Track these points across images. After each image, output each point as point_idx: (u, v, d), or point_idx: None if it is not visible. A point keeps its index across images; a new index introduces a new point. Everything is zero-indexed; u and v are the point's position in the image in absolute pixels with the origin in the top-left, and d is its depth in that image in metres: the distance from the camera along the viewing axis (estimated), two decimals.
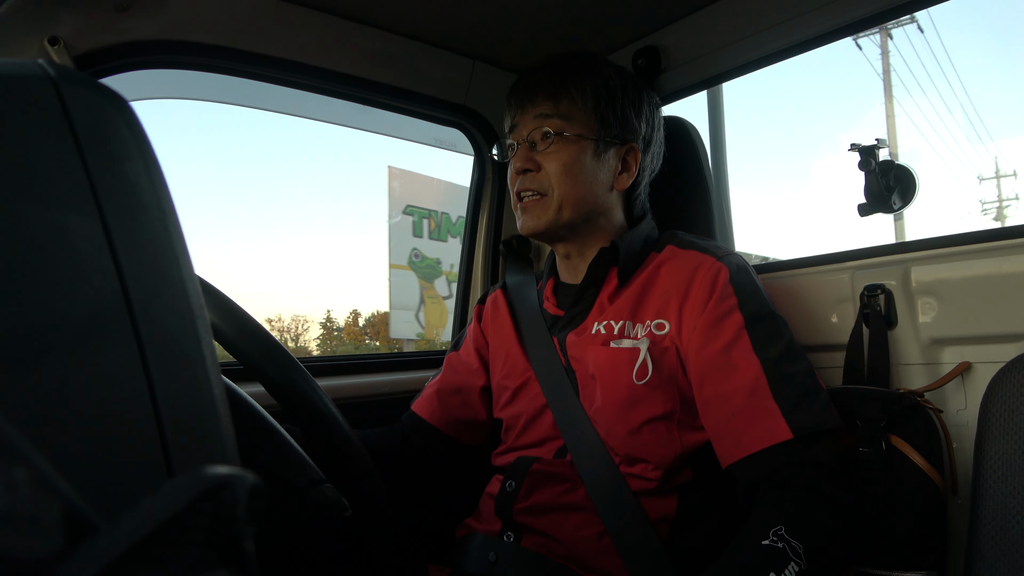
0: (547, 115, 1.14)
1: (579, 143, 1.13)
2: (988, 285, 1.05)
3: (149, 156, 0.35)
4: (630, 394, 1.04)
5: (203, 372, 0.34)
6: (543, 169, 1.14)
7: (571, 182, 1.12)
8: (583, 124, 1.14)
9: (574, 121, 1.14)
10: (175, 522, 0.21)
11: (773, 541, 0.84)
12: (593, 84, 1.15)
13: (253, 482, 0.23)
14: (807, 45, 1.34)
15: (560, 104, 1.14)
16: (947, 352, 1.11)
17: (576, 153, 1.13)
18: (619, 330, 1.09)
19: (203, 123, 51.04)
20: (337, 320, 34.91)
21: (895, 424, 1.02)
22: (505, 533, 1.09)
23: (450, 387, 1.33)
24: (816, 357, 1.29)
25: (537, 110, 1.15)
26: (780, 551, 0.83)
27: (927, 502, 0.98)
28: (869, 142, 1.25)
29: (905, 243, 1.17)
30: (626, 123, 1.17)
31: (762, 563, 0.82)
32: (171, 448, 0.32)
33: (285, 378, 0.81)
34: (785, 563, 0.82)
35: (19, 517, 0.20)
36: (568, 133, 1.13)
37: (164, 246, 0.33)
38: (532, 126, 1.15)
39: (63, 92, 0.33)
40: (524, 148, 1.16)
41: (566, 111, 1.14)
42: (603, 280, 1.16)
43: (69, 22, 1.07)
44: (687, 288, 1.06)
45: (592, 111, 1.14)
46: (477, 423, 1.33)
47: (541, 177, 1.14)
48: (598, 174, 1.15)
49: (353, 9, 1.37)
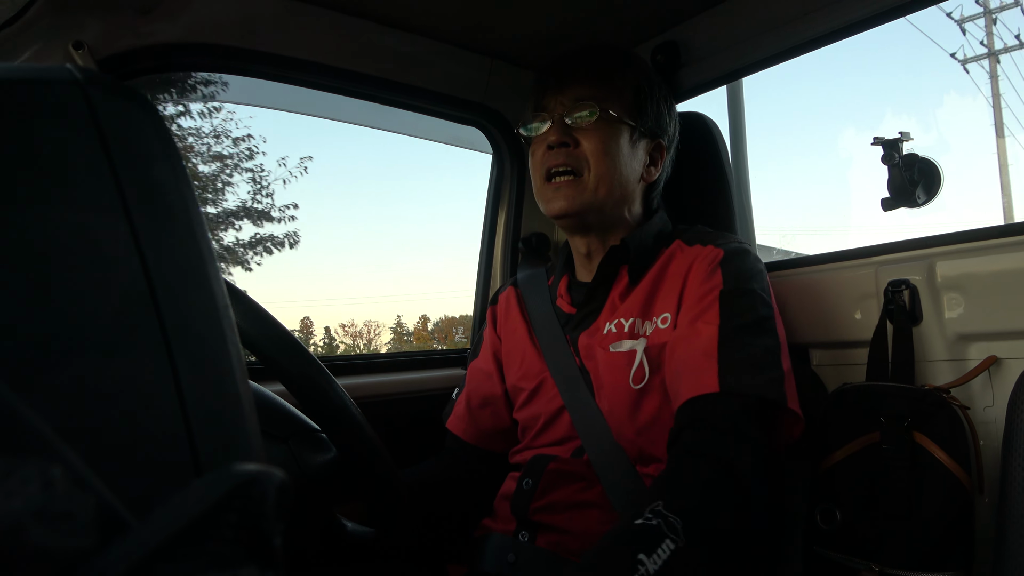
0: (588, 95, 1.12)
1: (619, 126, 1.13)
2: (1015, 279, 1.03)
3: (175, 158, 0.35)
4: (630, 397, 1.05)
5: (229, 370, 0.34)
6: (580, 146, 1.11)
7: (609, 161, 1.11)
8: (621, 107, 1.14)
9: (614, 103, 1.13)
10: (205, 519, 0.22)
11: (647, 519, 0.78)
12: (635, 74, 1.16)
13: (281, 479, 0.24)
14: (828, 38, 1.32)
15: (603, 87, 1.13)
16: (973, 348, 1.10)
17: (615, 135, 1.12)
18: (629, 327, 1.08)
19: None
20: (407, 325, 34.83)
21: (920, 421, 1.01)
22: (520, 532, 1.09)
23: (477, 400, 1.32)
24: (839, 354, 1.28)
25: (577, 91, 1.13)
26: (653, 529, 0.76)
27: (953, 501, 0.96)
28: (892, 135, 1.24)
29: (929, 238, 1.15)
30: (659, 119, 1.18)
31: (631, 543, 0.75)
32: (199, 445, 0.32)
33: (300, 373, 0.83)
34: (658, 541, 0.75)
35: (53, 514, 0.20)
36: (612, 112, 1.12)
37: (190, 247, 0.34)
38: (571, 104, 1.13)
39: (91, 96, 0.33)
40: (560, 121, 1.13)
41: (606, 95, 1.13)
42: (614, 278, 1.15)
43: (93, 27, 1.09)
44: (685, 276, 1.07)
45: (632, 100, 1.14)
46: (507, 430, 1.31)
47: (578, 154, 1.11)
48: (632, 161, 1.15)
49: (371, 9, 1.37)
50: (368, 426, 0.89)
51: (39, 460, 0.20)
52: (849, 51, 24.57)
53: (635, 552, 0.73)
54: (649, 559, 0.73)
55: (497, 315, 1.36)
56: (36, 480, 0.20)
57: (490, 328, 1.36)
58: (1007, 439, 0.93)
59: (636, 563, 0.72)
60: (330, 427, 0.87)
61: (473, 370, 1.36)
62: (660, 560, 0.73)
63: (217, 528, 0.22)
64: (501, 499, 1.17)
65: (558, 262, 1.31)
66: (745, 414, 0.91)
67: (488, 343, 1.35)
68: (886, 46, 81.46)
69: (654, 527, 0.76)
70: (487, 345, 1.35)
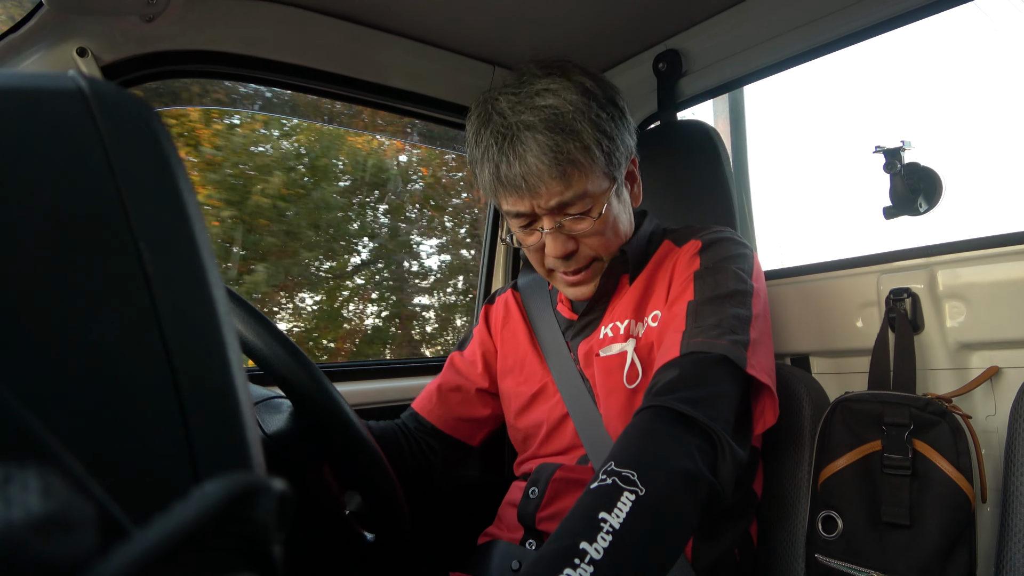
0: (566, 197, 1.01)
1: (609, 202, 1.04)
2: (1017, 288, 1.03)
3: (177, 164, 0.35)
4: (627, 398, 1.04)
5: (229, 378, 0.34)
6: (582, 244, 1.06)
7: (614, 235, 1.07)
8: (601, 182, 1.03)
9: (594, 187, 1.02)
10: (205, 528, 0.22)
11: (602, 480, 0.76)
12: (590, 135, 1.00)
13: (281, 488, 0.24)
14: (829, 47, 1.33)
15: (572, 181, 1.00)
16: (975, 357, 1.09)
17: (608, 213, 1.05)
18: (625, 329, 1.08)
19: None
20: None
21: (922, 430, 1.01)
22: (527, 541, 1.09)
23: (450, 384, 1.33)
24: (841, 362, 1.27)
25: (550, 195, 1.00)
26: (609, 487, 0.75)
27: (955, 510, 0.96)
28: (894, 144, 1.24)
29: (931, 246, 1.15)
30: (624, 146, 1.07)
31: (590, 505, 0.74)
32: (198, 454, 0.32)
33: (298, 377, 0.83)
34: (616, 497, 0.74)
35: (53, 521, 0.20)
36: (596, 208, 1.03)
37: (192, 255, 0.34)
38: (554, 215, 1.03)
39: (93, 103, 0.33)
40: (556, 235, 1.04)
41: (582, 184, 1.01)
42: (615, 287, 1.15)
43: (96, 33, 1.09)
44: (672, 272, 1.07)
45: (604, 164, 1.03)
46: (475, 420, 1.32)
47: (584, 252, 1.07)
48: (624, 210, 1.11)
49: (374, 17, 1.38)
50: (368, 433, 0.90)
51: (39, 466, 0.20)
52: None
53: (595, 512, 0.73)
54: (611, 515, 0.72)
55: (492, 316, 1.35)
56: (36, 487, 0.20)
57: (482, 326, 1.36)
58: (1009, 448, 0.93)
59: (599, 522, 0.71)
60: (329, 434, 0.87)
61: (453, 359, 1.37)
62: (623, 513, 0.72)
63: (217, 537, 0.22)
64: (507, 507, 1.17)
65: None
66: (698, 368, 0.88)
67: (477, 341, 1.35)
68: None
69: (609, 485, 0.75)
70: (475, 342, 1.35)
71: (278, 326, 0.84)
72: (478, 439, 1.35)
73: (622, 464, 0.77)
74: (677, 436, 0.82)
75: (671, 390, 0.85)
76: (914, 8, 1.19)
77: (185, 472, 0.32)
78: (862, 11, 1.24)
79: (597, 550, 0.68)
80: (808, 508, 1.10)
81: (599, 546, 0.69)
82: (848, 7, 1.25)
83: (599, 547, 0.69)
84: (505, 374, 1.28)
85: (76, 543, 0.21)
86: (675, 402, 0.83)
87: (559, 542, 0.70)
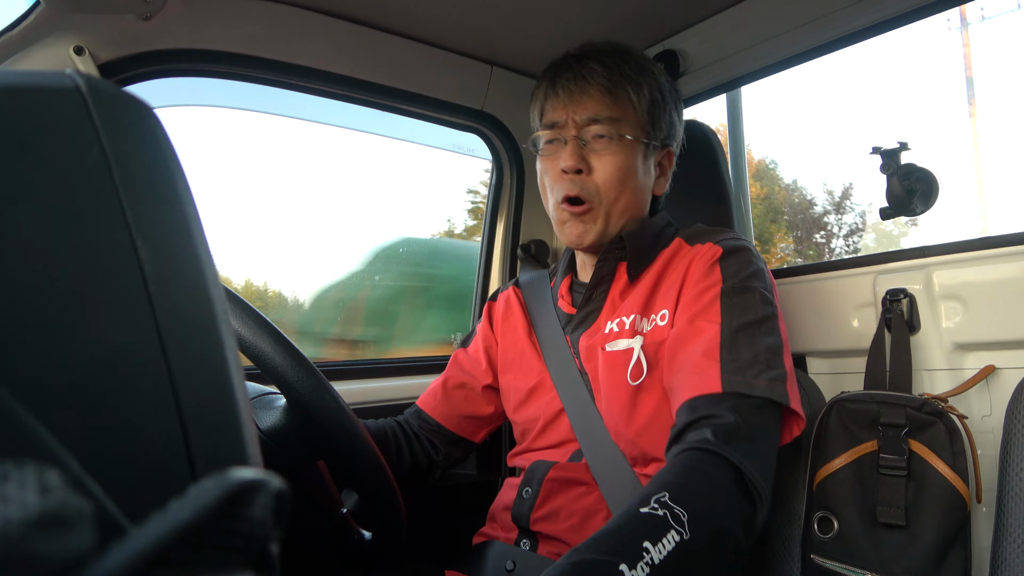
0: (603, 114, 1.07)
1: (633, 146, 1.08)
2: (1013, 289, 1.03)
3: (175, 163, 0.35)
4: (628, 395, 1.03)
5: (226, 376, 0.34)
6: (594, 172, 1.08)
7: (621, 188, 1.08)
8: (636, 126, 1.09)
9: (628, 122, 1.08)
10: (201, 525, 0.22)
11: (653, 508, 0.76)
12: (648, 84, 1.09)
13: (278, 486, 0.24)
14: (827, 48, 1.33)
15: (616, 103, 1.08)
16: (971, 358, 1.10)
17: (630, 157, 1.08)
18: (630, 325, 1.07)
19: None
20: None
21: (918, 430, 1.01)
22: (521, 540, 1.09)
23: (455, 381, 1.33)
24: (837, 362, 1.28)
25: (589, 106, 1.08)
26: (660, 519, 0.75)
27: (951, 511, 0.96)
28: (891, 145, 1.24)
29: (928, 247, 1.15)
30: (671, 128, 1.14)
31: (637, 530, 0.74)
32: (195, 452, 0.32)
33: (295, 375, 0.83)
34: (663, 531, 0.74)
35: (51, 518, 0.20)
36: (626, 135, 1.08)
37: (189, 254, 0.34)
38: (583, 123, 1.08)
39: (91, 101, 0.33)
40: (575, 145, 1.08)
41: (621, 111, 1.08)
42: (612, 277, 1.14)
43: (94, 32, 1.09)
44: (685, 273, 1.05)
45: (646, 113, 1.09)
46: (480, 417, 1.32)
47: (591, 183, 1.09)
48: (645, 180, 1.12)
49: (372, 16, 1.38)
50: (365, 434, 0.90)
51: (36, 464, 0.20)
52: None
53: (640, 540, 0.73)
54: (654, 548, 0.72)
55: (495, 313, 1.36)
56: (33, 484, 0.20)
57: (485, 323, 1.36)
58: (1004, 449, 0.93)
59: (641, 550, 0.72)
60: (325, 433, 0.87)
61: (458, 356, 1.37)
62: (665, 551, 0.73)
63: (213, 534, 0.22)
64: (500, 508, 1.17)
65: (561, 263, 1.30)
66: (748, 414, 0.89)
67: (480, 337, 1.35)
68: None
69: (660, 517, 0.75)
70: (479, 338, 1.35)
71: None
72: (481, 436, 1.35)
73: (676, 500, 0.78)
74: (730, 492, 0.83)
75: (729, 439, 0.86)
76: (914, 8, 1.19)
77: (182, 470, 0.32)
78: (861, 11, 1.24)
79: None
80: (804, 509, 1.10)
81: (636, 575, 0.70)
82: (847, 7, 1.25)
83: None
84: (505, 369, 1.28)
85: (73, 541, 0.21)
86: (738, 457, 0.84)
87: (598, 554, 0.71)
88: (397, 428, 1.29)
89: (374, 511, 0.97)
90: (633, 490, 1.01)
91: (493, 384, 1.31)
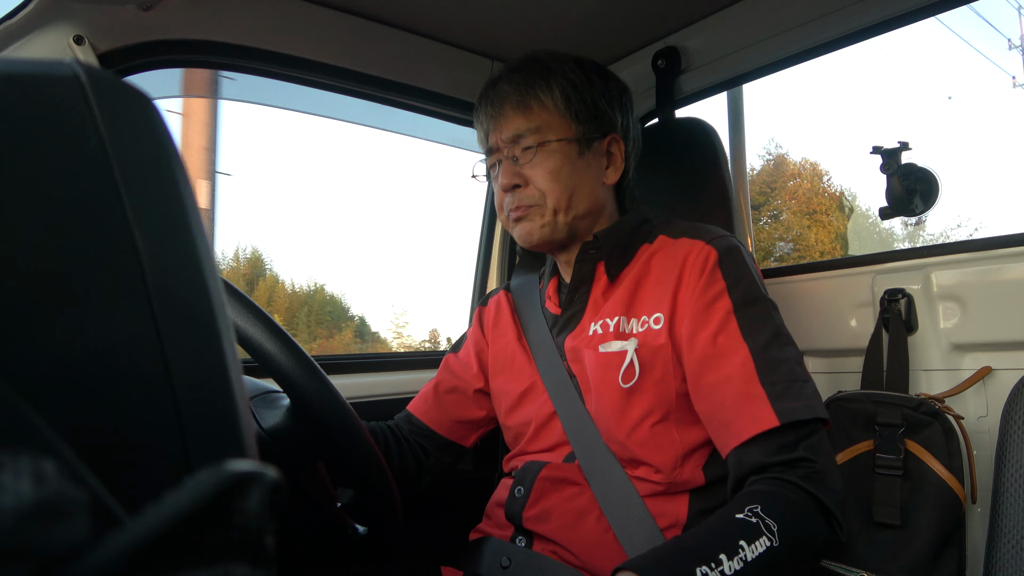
0: (522, 128, 1.11)
1: (561, 148, 1.11)
2: (1011, 290, 1.03)
3: (174, 154, 0.35)
4: (620, 397, 1.03)
5: (223, 368, 0.34)
6: (530, 182, 1.11)
7: (560, 188, 1.10)
8: (559, 127, 1.11)
9: (550, 127, 1.11)
10: (197, 517, 0.22)
11: (747, 516, 0.83)
12: (558, 83, 1.12)
13: (274, 478, 0.24)
14: (828, 47, 1.33)
15: (531, 113, 1.11)
16: (968, 358, 1.10)
17: (561, 158, 1.10)
18: (615, 327, 1.06)
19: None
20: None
21: (914, 430, 1.01)
22: (517, 537, 1.09)
23: (447, 386, 1.33)
24: (834, 362, 1.28)
25: (510, 126, 1.12)
26: (754, 525, 0.82)
27: (946, 511, 0.97)
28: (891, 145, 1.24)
29: (927, 247, 1.16)
30: (601, 115, 1.15)
31: (734, 531, 0.81)
32: (191, 444, 0.32)
33: (296, 372, 0.83)
34: (756, 535, 0.81)
35: (45, 508, 0.20)
36: (550, 140, 1.10)
37: (188, 244, 0.34)
38: (510, 142, 1.13)
39: (90, 91, 0.33)
40: (508, 164, 1.13)
41: (538, 119, 1.11)
42: (592, 277, 1.14)
43: (93, 21, 1.08)
44: (679, 276, 1.04)
45: (564, 111, 1.12)
46: (470, 422, 1.32)
47: (529, 193, 1.11)
48: (587, 173, 1.13)
49: (373, 9, 1.37)
50: (363, 428, 0.90)
51: (31, 454, 0.20)
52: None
53: (737, 538, 0.80)
54: (748, 547, 0.79)
55: (485, 317, 1.35)
56: (28, 474, 0.20)
57: (476, 327, 1.35)
58: (1000, 449, 0.94)
59: (737, 547, 0.79)
60: (324, 427, 0.87)
61: (448, 361, 1.37)
62: (756, 553, 0.79)
63: (209, 526, 0.22)
64: (495, 506, 1.17)
65: (547, 264, 1.30)
66: (811, 445, 0.92)
67: (471, 341, 1.35)
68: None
69: (754, 524, 0.82)
70: (469, 343, 1.35)
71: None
72: (471, 440, 1.35)
73: (767, 513, 0.84)
74: (813, 515, 0.88)
75: (808, 479, 0.90)
76: (914, 8, 1.19)
77: (178, 461, 0.32)
78: (862, 10, 1.24)
79: (730, 567, 0.77)
80: None
81: (732, 566, 0.77)
82: (848, 6, 1.25)
83: (731, 567, 0.77)
84: (496, 373, 1.27)
85: (68, 531, 0.21)
86: (818, 491, 0.88)
87: (698, 541, 0.80)
88: (388, 431, 1.28)
89: (371, 508, 0.97)
90: (625, 492, 1.02)
91: (484, 388, 1.31)
